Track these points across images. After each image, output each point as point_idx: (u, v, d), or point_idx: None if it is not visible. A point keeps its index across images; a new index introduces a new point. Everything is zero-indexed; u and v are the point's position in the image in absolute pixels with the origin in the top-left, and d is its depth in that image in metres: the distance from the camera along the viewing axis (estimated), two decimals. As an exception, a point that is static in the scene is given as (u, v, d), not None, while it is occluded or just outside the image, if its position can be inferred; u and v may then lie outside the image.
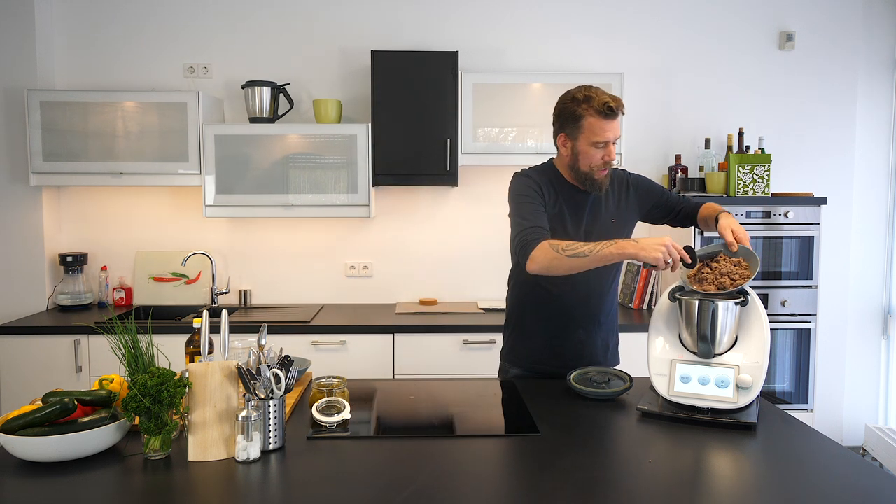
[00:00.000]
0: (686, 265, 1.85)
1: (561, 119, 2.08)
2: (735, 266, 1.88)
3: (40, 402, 1.63)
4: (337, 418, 1.73)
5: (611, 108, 1.97)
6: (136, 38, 3.64)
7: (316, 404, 1.77)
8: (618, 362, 2.35)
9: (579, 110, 2.00)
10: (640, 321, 3.29)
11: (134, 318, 3.47)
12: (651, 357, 1.88)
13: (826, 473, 1.48)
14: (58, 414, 1.53)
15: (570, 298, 2.15)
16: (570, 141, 2.06)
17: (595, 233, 2.12)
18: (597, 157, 2.03)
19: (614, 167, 2.18)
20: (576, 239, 2.06)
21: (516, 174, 2.15)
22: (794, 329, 3.33)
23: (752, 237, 3.27)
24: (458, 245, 3.76)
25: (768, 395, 3.34)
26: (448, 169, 3.36)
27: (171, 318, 3.46)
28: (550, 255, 1.89)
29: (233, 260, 3.73)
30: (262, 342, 1.72)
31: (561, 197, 2.12)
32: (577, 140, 2.04)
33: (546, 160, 2.21)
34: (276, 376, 1.60)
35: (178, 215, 3.70)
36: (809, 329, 3.33)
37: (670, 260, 1.80)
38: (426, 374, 3.14)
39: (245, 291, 3.69)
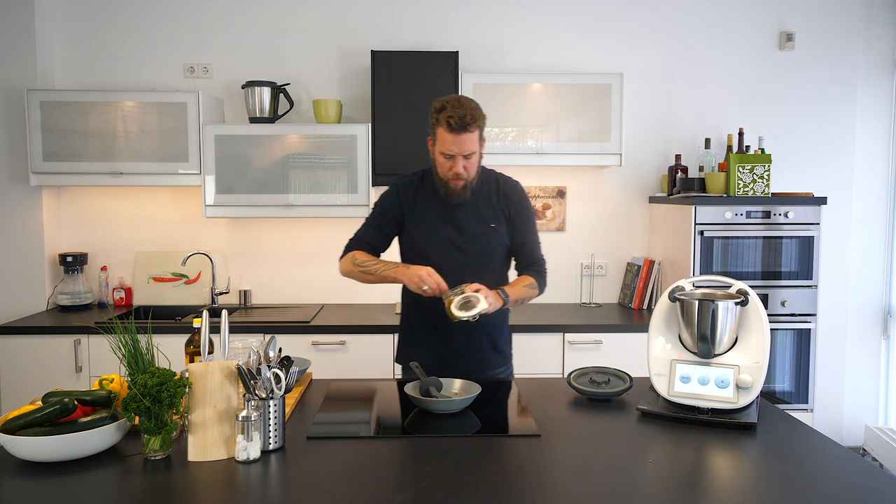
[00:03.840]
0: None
1: (429, 123, 2.16)
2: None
3: (40, 402, 1.63)
4: (476, 311, 1.91)
5: (449, 124, 2.04)
6: (137, 39, 3.64)
7: (454, 303, 1.93)
8: (509, 362, 2.35)
9: (434, 118, 2.11)
10: (640, 321, 3.29)
11: (134, 318, 3.47)
12: (651, 357, 1.88)
13: (826, 473, 1.48)
14: (58, 414, 1.53)
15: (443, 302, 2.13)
16: (432, 146, 2.17)
17: (475, 237, 2.18)
18: (445, 167, 2.12)
19: (505, 176, 2.28)
20: (454, 239, 2.18)
21: (396, 178, 2.30)
22: (794, 329, 3.33)
23: (752, 237, 3.28)
24: (458, 245, 3.75)
25: (768, 395, 3.34)
26: (448, 169, 3.36)
27: (171, 318, 3.46)
28: (348, 267, 2.23)
29: (233, 260, 3.73)
30: (271, 354, 1.71)
31: (435, 200, 2.20)
32: (435, 146, 2.14)
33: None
34: (276, 376, 1.60)
35: (178, 215, 3.70)
36: (809, 329, 3.33)
37: (425, 287, 2.00)
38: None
39: (245, 291, 3.69)
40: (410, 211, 2.22)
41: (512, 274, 2.31)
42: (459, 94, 3.33)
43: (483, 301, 1.95)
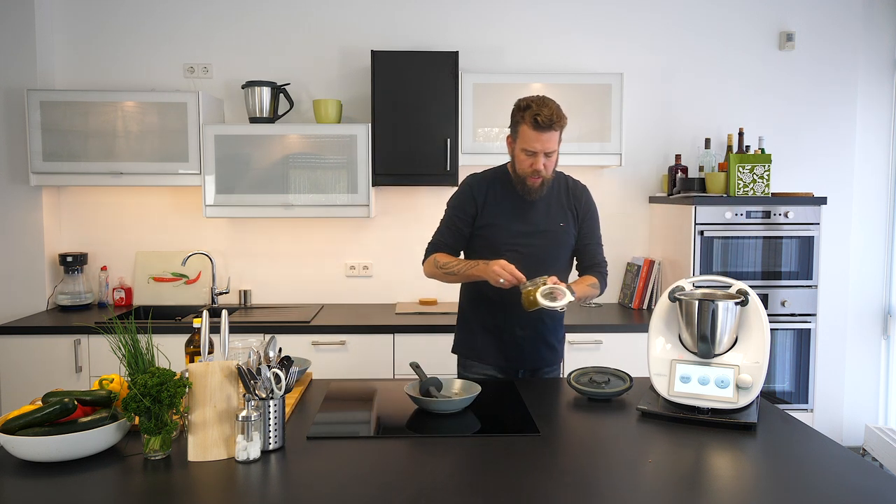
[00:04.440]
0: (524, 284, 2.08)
1: (510, 122, 2.25)
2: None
3: (40, 402, 1.63)
4: (564, 301, 1.96)
5: (537, 122, 2.11)
6: (137, 38, 3.64)
7: (540, 291, 1.97)
8: (561, 358, 2.44)
9: (518, 116, 2.18)
10: (640, 321, 3.29)
11: (134, 318, 3.47)
12: (651, 357, 1.88)
13: (826, 473, 1.48)
14: (58, 414, 1.53)
15: (508, 297, 2.19)
16: (512, 143, 2.24)
17: (545, 233, 2.27)
18: (526, 164, 2.19)
19: (574, 178, 2.38)
20: (524, 235, 2.25)
21: (466, 177, 2.37)
22: (794, 329, 3.33)
23: (752, 237, 3.28)
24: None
25: (768, 395, 3.34)
26: (448, 169, 3.36)
27: (171, 318, 3.46)
28: (432, 270, 2.31)
29: (233, 260, 3.73)
30: (271, 354, 1.71)
31: (508, 198, 2.28)
32: (515, 143, 2.22)
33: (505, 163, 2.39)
34: (276, 376, 1.60)
35: (178, 215, 3.70)
36: (809, 329, 3.33)
37: (502, 281, 2.06)
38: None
39: (245, 291, 3.69)
40: (483, 206, 2.28)
41: (572, 275, 2.41)
42: (458, 94, 3.34)
43: (569, 294, 2.00)
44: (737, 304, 1.80)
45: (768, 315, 2.04)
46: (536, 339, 2.32)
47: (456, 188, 2.40)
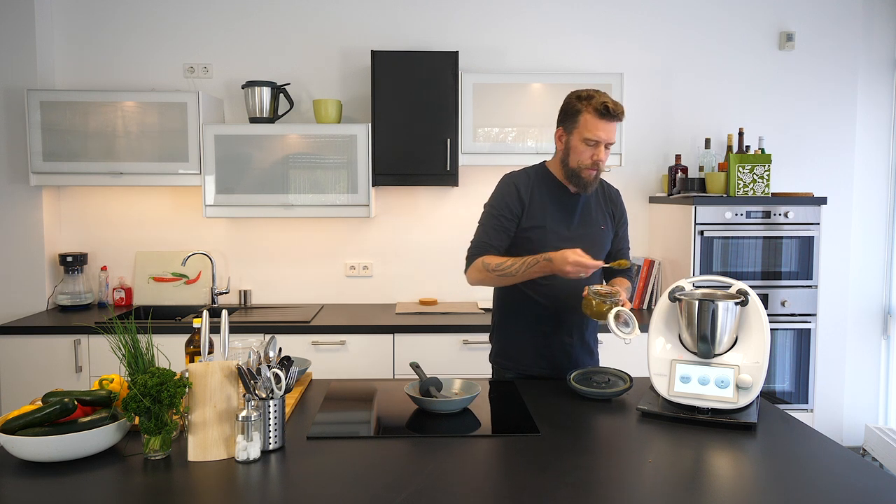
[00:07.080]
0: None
1: (562, 113, 2.18)
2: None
3: (40, 402, 1.63)
4: (635, 335, 1.95)
5: (607, 109, 2.06)
6: (136, 38, 3.64)
7: (612, 313, 1.95)
8: (598, 361, 2.40)
9: (579, 105, 2.11)
10: (640, 321, 3.28)
11: (134, 318, 3.47)
12: (651, 357, 1.88)
13: (826, 473, 1.48)
14: (58, 414, 1.53)
15: (556, 303, 2.16)
16: (566, 135, 2.16)
17: (586, 235, 2.22)
18: (586, 155, 2.12)
19: (607, 181, 2.35)
20: (567, 237, 2.17)
21: (504, 176, 2.28)
22: (794, 329, 3.33)
23: (752, 237, 3.29)
24: (457, 245, 3.72)
25: (768, 395, 3.34)
26: (448, 169, 3.36)
27: (171, 318, 3.46)
28: (481, 275, 2.15)
29: (233, 260, 3.73)
30: (271, 354, 1.72)
31: (549, 197, 2.21)
32: (572, 135, 2.13)
33: (540, 161, 2.32)
34: (276, 376, 1.60)
35: (178, 215, 3.70)
36: (809, 329, 3.33)
37: (582, 274, 2.00)
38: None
39: (245, 291, 3.69)
40: (529, 205, 2.18)
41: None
42: (458, 94, 3.34)
43: (637, 328, 1.98)
44: (737, 304, 1.80)
45: (768, 315, 2.04)
46: (582, 344, 2.27)
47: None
